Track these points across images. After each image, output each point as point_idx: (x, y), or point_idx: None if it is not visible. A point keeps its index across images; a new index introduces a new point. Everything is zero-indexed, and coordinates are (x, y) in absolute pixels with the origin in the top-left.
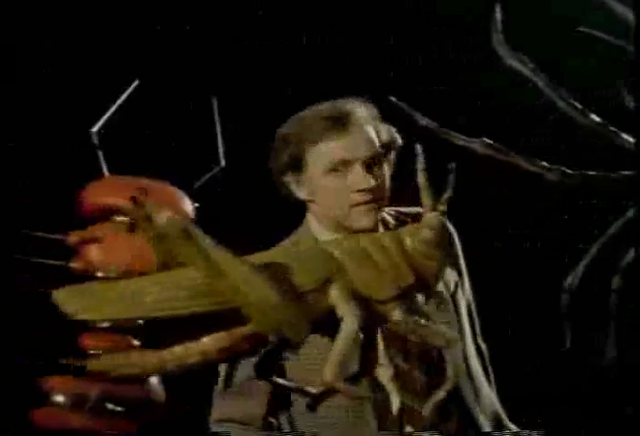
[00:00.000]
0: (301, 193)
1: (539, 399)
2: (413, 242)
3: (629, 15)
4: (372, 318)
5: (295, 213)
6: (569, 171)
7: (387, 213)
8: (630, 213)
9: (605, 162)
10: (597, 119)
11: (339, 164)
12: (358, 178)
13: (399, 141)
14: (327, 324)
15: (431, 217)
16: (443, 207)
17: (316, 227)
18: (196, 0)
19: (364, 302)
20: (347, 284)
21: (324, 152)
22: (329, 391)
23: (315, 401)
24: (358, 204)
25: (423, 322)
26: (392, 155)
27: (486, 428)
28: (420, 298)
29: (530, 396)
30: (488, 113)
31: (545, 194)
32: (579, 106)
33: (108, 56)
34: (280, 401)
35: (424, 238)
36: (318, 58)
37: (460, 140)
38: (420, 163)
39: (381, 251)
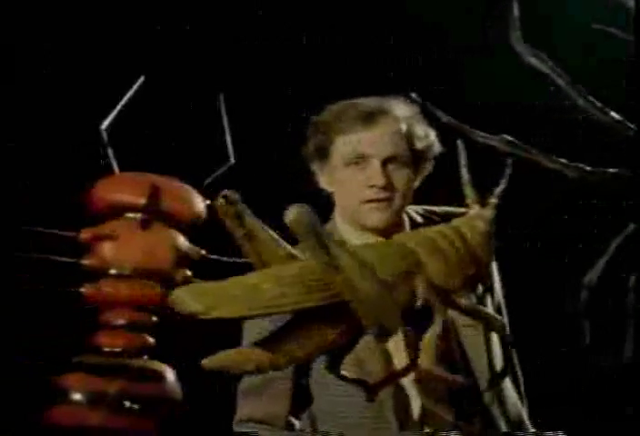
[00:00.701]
0: (324, 183)
1: (539, 398)
2: (472, 234)
3: (630, 5)
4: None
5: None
6: (589, 168)
7: (415, 212)
8: None
9: (627, 159)
10: (617, 116)
11: (359, 158)
12: (372, 174)
13: (436, 150)
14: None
15: (485, 210)
16: (496, 200)
17: (341, 223)
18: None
19: (439, 292)
20: (426, 275)
21: (347, 143)
22: (383, 382)
23: (372, 392)
24: (369, 201)
25: (483, 308)
26: (425, 163)
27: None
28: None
29: (530, 396)
30: (505, 110)
31: (548, 193)
32: (598, 104)
33: (117, 54)
34: (301, 400)
35: (480, 230)
36: (330, 53)
37: (480, 137)
38: (462, 159)
39: (448, 242)
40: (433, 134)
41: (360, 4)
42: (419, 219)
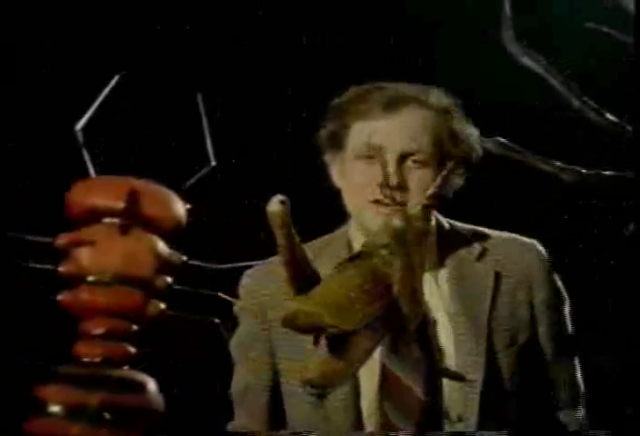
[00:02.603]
0: (335, 177)
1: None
2: (418, 228)
3: (630, 6)
4: None
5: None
6: (585, 171)
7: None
8: None
9: (621, 162)
10: (613, 118)
11: (373, 150)
12: (384, 170)
13: (477, 154)
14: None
15: (418, 208)
16: (427, 201)
17: (353, 225)
18: None
19: None
20: None
21: (363, 131)
22: None
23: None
24: (375, 202)
25: None
26: (459, 167)
27: None
28: None
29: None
30: (500, 111)
31: (544, 196)
32: (594, 105)
33: (91, 52)
34: (277, 414)
35: (417, 227)
36: (321, 51)
37: None
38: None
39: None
40: (475, 135)
41: (356, 3)
42: (447, 226)
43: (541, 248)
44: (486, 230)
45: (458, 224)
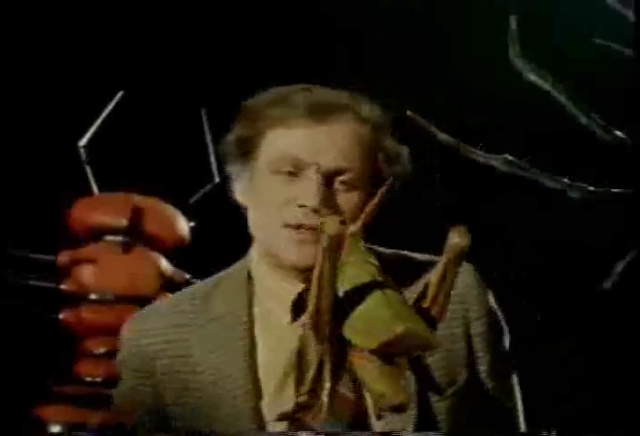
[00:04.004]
0: (238, 193)
1: (537, 398)
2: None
3: (629, 16)
4: None
5: None
6: (592, 188)
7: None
8: None
9: (628, 177)
10: (621, 134)
11: (292, 164)
12: (306, 188)
13: (407, 176)
14: None
15: (359, 226)
16: (365, 221)
17: (256, 259)
18: (182, 12)
19: None
20: None
21: (281, 140)
22: None
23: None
24: (291, 226)
25: None
26: (391, 191)
27: None
28: None
29: (529, 395)
30: (509, 129)
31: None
32: (602, 122)
33: (94, 69)
34: None
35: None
36: (324, 66)
37: (481, 156)
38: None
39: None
40: (406, 153)
41: (358, 21)
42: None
43: (477, 272)
44: (412, 254)
45: (378, 249)
